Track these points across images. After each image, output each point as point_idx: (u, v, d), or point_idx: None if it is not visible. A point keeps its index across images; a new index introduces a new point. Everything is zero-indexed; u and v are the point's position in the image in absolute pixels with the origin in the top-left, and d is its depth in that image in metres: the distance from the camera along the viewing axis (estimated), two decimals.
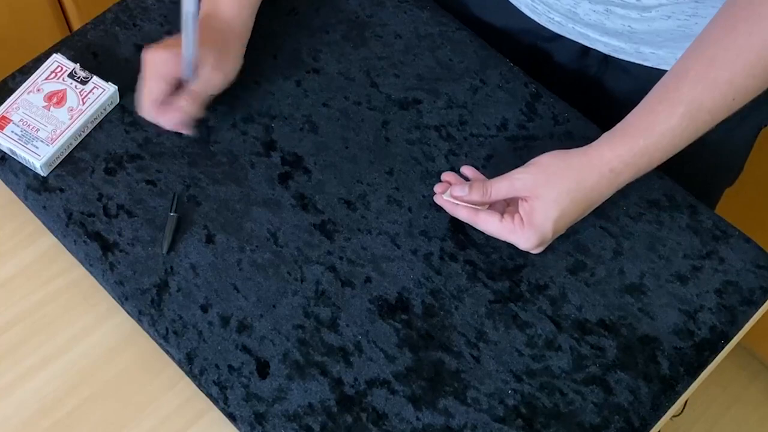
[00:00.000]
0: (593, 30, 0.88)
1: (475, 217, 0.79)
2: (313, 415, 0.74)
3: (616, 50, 0.89)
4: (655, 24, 0.82)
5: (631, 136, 0.74)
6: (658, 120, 0.73)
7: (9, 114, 0.85)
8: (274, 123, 0.88)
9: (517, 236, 0.78)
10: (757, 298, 0.81)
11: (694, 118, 0.72)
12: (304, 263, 0.80)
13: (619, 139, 0.75)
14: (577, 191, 0.76)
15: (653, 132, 0.73)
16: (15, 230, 0.84)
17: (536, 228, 0.77)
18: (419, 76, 0.91)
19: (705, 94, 0.71)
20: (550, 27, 0.91)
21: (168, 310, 0.78)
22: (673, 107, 0.72)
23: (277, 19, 0.94)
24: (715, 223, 0.84)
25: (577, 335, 0.78)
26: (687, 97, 0.71)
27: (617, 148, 0.74)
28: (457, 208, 0.80)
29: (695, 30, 0.81)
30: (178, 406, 0.77)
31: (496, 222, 0.78)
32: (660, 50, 0.86)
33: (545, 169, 0.76)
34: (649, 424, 0.75)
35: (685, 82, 0.72)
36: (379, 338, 0.77)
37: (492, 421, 0.74)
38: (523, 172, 0.77)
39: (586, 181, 0.75)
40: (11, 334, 0.79)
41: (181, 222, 0.82)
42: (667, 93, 0.73)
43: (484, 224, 0.79)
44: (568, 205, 0.76)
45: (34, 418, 0.76)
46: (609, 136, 0.76)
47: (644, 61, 0.88)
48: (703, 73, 0.71)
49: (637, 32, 0.84)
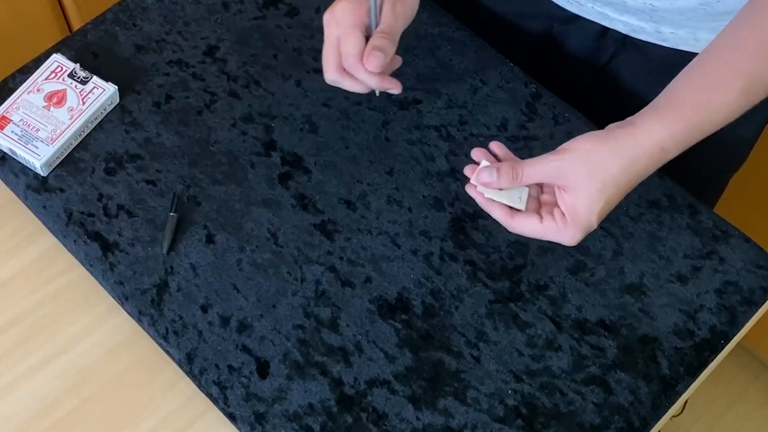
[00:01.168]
0: (613, 9, 0.86)
1: (510, 220, 0.72)
2: (313, 415, 0.74)
3: (636, 30, 0.87)
4: (677, 2, 0.80)
5: (686, 112, 0.69)
6: (716, 95, 0.69)
7: (9, 114, 0.85)
8: (274, 123, 0.88)
9: (562, 235, 0.71)
10: (757, 298, 0.81)
11: (750, 91, 0.69)
12: (304, 263, 0.80)
13: (672, 115, 0.69)
14: (624, 177, 0.69)
15: (709, 107, 0.69)
16: (15, 230, 0.84)
17: (581, 224, 0.71)
18: (419, 76, 0.91)
19: (762, 66, 0.68)
20: (569, 8, 0.90)
21: (168, 310, 0.78)
22: (731, 81, 0.68)
23: (277, 19, 0.94)
24: (715, 223, 0.84)
25: (577, 335, 0.78)
26: (745, 70, 0.68)
27: (671, 125, 0.69)
28: (492, 206, 0.73)
29: (718, 8, 0.79)
30: (178, 406, 0.77)
31: (536, 225, 0.71)
32: (680, 30, 0.84)
33: (587, 157, 0.69)
34: (649, 424, 0.75)
35: (743, 55, 0.68)
36: (379, 338, 0.77)
37: (492, 421, 0.74)
38: (559, 159, 0.70)
39: (634, 165, 0.69)
40: (11, 334, 0.79)
41: (181, 222, 0.82)
42: (723, 65, 0.69)
43: (521, 228, 0.72)
44: (614, 193, 0.70)
45: (34, 418, 0.76)
46: (658, 112, 0.69)
47: (663, 42, 0.87)
48: (760, 45, 0.68)
49: (659, 10, 0.82)
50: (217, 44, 0.92)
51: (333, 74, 0.76)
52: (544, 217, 0.71)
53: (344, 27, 0.74)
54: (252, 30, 0.93)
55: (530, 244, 0.82)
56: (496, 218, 0.73)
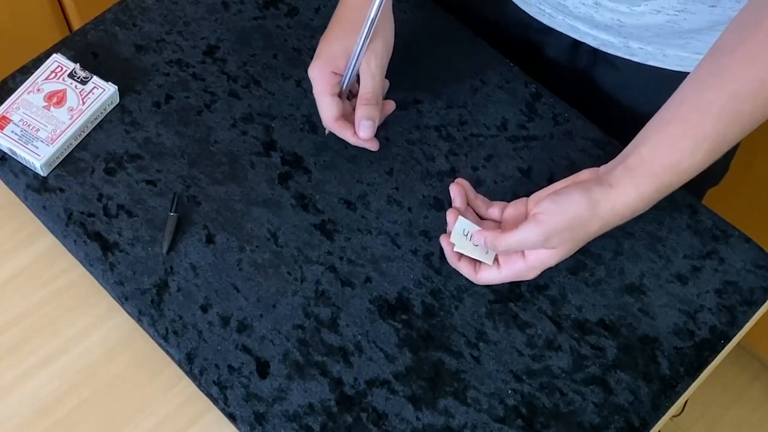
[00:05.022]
0: (582, 23, 0.88)
1: (475, 275, 0.78)
2: (313, 415, 0.74)
3: (605, 44, 0.89)
4: (644, 18, 0.82)
5: (657, 175, 0.72)
6: (684, 157, 0.72)
7: (9, 114, 0.85)
8: (274, 123, 0.88)
9: (521, 277, 0.78)
10: (757, 298, 0.81)
11: (717, 152, 0.72)
12: (304, 263, 0.80)
13: (644, 178, 0.73)
14: (595, 233, 0.75)
15: (679, 170, 0.72)
16: (15, 230, 0.84)
17: (543, 268, 0.77)
18: (419, 76, 0.91)
19: (728, 127, 0.70)
20: (541, 19, 0.91)
21: (168, 310, 0.78)
22: (698, 143, 0.71)
23: (277, 19, 0.94)
24: (715, 223, 0.84)
25: (577, 335, 0.78)
26: (712, 132, 0.70)
27: (643, 188, 0.73)
28: (459, 263, 0.78)
29: (684, 26, 0.81)
30: (178, 406, 0.77)
31: (496, 274, 0.77)
32: (648, 46, 0.86)
33: (571, 221, 0.73)
34: (649, 424, 0.75)
35: (709, 117, 0.70)
36: (379, 338, 0.77)
37: (492, 421, 0.74)
38: (542, 226, 0.73)
39: (607, 225, 0.75)
40: (11, 334, 0.79)
41: (181, 222, 0.82)
42: (690, 128, 0.71)
43: (485, 279, 0.78)
44: (577, 246, 0.76)
45: (34, 418, 0.76)
46: (632, 175, 0.73)
47: (632, 56, 0.88)
48: (726, 107, 0.70)
49: (626, 26, 0.84)
50: (217, 44, 0.92)
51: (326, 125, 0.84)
52: (503, 266, 0.77)
53: (316, 92, 0.82)
54: (252, 30, 0.93)
55: None
56: (463, 273, 0.79)
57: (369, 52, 0.80)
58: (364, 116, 0.81)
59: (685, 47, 0.84)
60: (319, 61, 0.82)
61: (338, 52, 0.81)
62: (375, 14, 0.77)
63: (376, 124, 0.82)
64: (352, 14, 0.82)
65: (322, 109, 0.82)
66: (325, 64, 0.81)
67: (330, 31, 0.83)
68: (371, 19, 0.77)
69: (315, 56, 0.82)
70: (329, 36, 0.83)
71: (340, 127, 0.82)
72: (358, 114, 0.81)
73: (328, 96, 0.81)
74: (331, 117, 0.82)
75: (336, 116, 0.82)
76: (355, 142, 0.83)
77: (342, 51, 0.81)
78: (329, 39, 0.83)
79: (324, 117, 0.83)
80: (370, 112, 0.81)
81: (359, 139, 0.82)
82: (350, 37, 0.80)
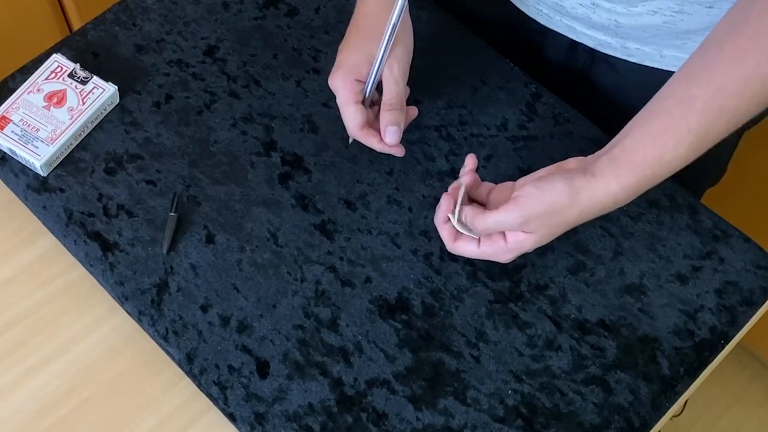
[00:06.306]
0: (580, 23, 0.88)
1: (453, 243, 0.78)
2: (313, 415, 0.74)
3: (602, 45, 0.89)
4: (641, 19, 0.82)
5: (639, 167, 0.73)
6: (667, 150, 0.72)
7: (9, 114, 0.85)
8: (274, 123, 0.88)
9: (498, 258, 0.78)
10: (757, 298, 0.81)
11: (700, 146, 0.72)
12: (304, 263, 0.80)
13: (626, 169, 0.73)
14: (574, 221, 0.75)
15: (662, 162, 0.72)
16: (15, 230, 0.84)
17: (521, 252, 0.77)
18: (419, 76, 0.91)
19: (712, 122, 0.71)
20: (539, 19, 0.91)
21: (168, 310, 0.78)
22: (681, 137, 0.71)
23: (277, 19, 0.94)
24: (715, 223, 0.84)
25: (577, 335, 0.78)
26: (695, 126, 0.71)
27: (625, 179, 0.73)
28: (444, 227, 0.79)
29: (681, 27, 0.81)
30: (178, 406, 0.77)
31: (474, 248, 0.77)
32: (646, 46, 0.86)
33: (551, 206, 0.73)
34: (649, 424, 0.75)
35: (693, 112, 0.71)
36: (379, 338, 0.77)
37: (492, 421, 0.74)
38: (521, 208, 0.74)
39: (586, 213, 0.74)
40: (11, 334, 0.79)
41: (181, 222, 0.82)
42: (673, 121, 0.71)
43: (460, 250, 0.78)
44: (560, 230, 0.76)
45: (34, 418, 0.76)
46: (614, 165, 0.73)
47: (629, 57, 0.88)
48: (710, 102, 0.70)
49: (623, 27, 0.84)
50: (217, 44, 0.92)
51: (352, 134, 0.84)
52: (483, 242, 0.77)
53: (340, 102, 0.81)
54: (252, 30, 0.93)
55: None
56: (443, 237, 0.79)
57: (391, 57, 0.79)
58: (390, 122, 0.81)
59: (683, 48, 0.84)
60: (341, 70, 0.81)
61: (360, 59, 0.80)
62: (396, 20, 0.76)
63: (402, 129, 0.82)
64: (370, 22, 0.82)
65: (348, 118, 0.82)
66: (348, 73, 0.80)
67: (349, 40, 0.82)
68: (393, 24, 0.77)
69: (335, 66, 0.81)
70: (349, 45, 0.82)
71: (366, 135, 0.82)
72: (383, 120, 0.81)
73: (353, 104, 0.81)
74: (357, 125, 0.81)
75: (361, 124, 0.81)
76: (381, 149, 0.82)
77: (364, 59, 0.80)
78: (349, 48, 0.82)
79: (349, 126, 0.82)
80: (395, 117, 0.81)
81: (385, 146, 0.82)
82: (371, 45, 0.79)
